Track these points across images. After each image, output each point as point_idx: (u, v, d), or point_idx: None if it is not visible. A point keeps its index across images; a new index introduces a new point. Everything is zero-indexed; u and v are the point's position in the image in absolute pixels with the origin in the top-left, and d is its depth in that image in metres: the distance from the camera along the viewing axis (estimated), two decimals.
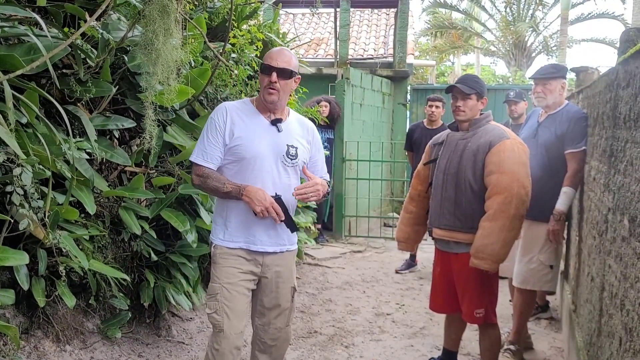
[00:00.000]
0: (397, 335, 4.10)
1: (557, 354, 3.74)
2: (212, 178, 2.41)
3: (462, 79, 3.10)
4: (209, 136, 2.44)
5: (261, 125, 2.48)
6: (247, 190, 2.37)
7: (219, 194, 2.45)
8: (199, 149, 2.46)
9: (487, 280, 2.97)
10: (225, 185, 2.39)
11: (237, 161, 2.45)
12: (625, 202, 1.97)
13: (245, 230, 2.47)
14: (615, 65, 2.41)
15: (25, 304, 2.70)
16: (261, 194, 2.36)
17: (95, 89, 2.89)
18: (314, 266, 5.82)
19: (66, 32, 2.81)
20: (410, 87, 10.19)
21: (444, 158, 3.08)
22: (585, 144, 3.28)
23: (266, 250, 2.51)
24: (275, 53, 2.47)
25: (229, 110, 2.47)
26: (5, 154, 2.24)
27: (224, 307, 2.42)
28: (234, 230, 2.47)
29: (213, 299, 2.45)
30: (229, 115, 2.45)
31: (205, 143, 2.44)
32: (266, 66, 2.43)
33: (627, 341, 1.80)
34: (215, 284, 2.47)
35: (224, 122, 2.44)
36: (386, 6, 12.43)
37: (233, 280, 2.45)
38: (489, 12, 21.66)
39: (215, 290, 2.45)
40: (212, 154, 2.43)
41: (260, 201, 2.35)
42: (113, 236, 3.22)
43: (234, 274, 2.46)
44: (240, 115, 2.47)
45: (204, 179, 2.42)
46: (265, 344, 2.59)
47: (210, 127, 2.45)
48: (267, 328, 2.57)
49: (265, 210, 2.35)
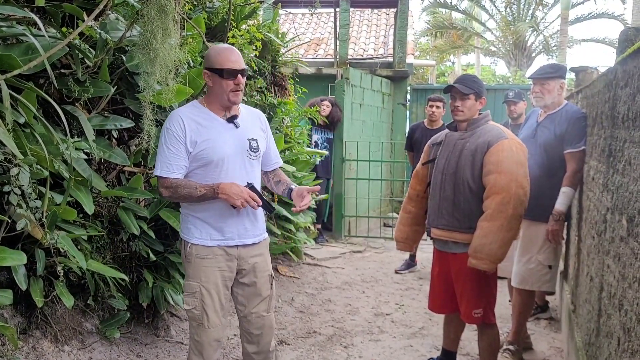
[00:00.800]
0: (396, 335, 4.10)
1: (557, 354, 3.74)
2: (182, 186, 2.40)
3: (460, 79, 3.10)
4: (170, 147, 2.40)
5: (220, 126, 2.47)
6: (222, 188, 2.37)
7: (193, 199, 2.43)
8: (161, 162, 2.41)
9: (486, 280, 2.97)
10: (198, 189, 2.39)
11: (204, 165, 2.44)
12: (623, 202, 1.96)
13: (222, 228, 2.49)
14: (614, 64, 2.40)
15: (23, 304, 2.70)
16: (236, 188, 2.39)
17: (94, 89, 2.88)
18: (313, 266, 5.82)
19: (64, 32, 2.81)
20: (410, 87, 10.18)
21: (443, 158, 3.08)
22: (585, 144, 3.28)
23: (244, 243, 2.54)
24: (230, 54, 2.43)
25: (184, 117, 2.42)
26: (3, 154, 2.23)
27: (202, 304, 2.47)
28: (210, 229, 2.49)
29: (191, 296, 2.48)
30: (186, 123, 2.41)
31: (167, 154, 2.40)
32: (231, 70, 2.39)
33: (625, 341, 1.79)
34: (193, 282, 2.49)
35: (182, 131, 2.40)
36: (386, 6, 12.42)
37: (211, 279, 2.49)
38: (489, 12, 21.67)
39: (194, 288, 2.48)
40: (177, 164, 2.40)
41: (237, 194, 2.37)
42: (111, 236, 3.22)
43: (211, 272, 2.49)
44: (196, 120, 2.44)
45: (174, 189, 2.40)
46: (252, 334, 2.64)
47: (169, 138, 2.40)
48: (250, 318, 2.61)
49: (244, 201, 2.38)
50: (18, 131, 2.35)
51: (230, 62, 2.40)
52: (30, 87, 2.42)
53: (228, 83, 2.40)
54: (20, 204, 2.28)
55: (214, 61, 2.41)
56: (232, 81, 2.40)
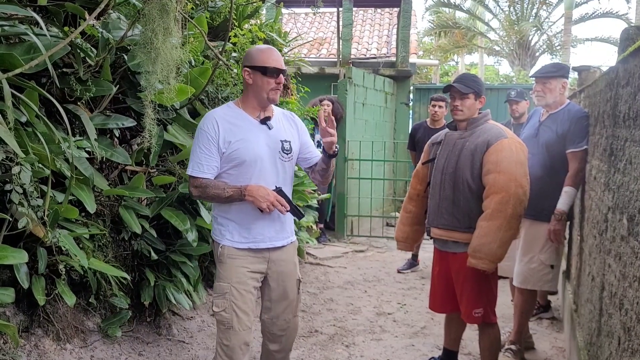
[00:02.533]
0: (398, 334, 4.10)
1: (559, 354, 3.73)
2: (211, 186, 2.43)
3: (459, 78, 3.09)
4: (202, 147, 2.44)
5: (253, 126, 2.50)
6: (249, 190, 2.39)
7: (221, 200, 2.46)
8: (193, 161, 2.45)
9: (486, 279, 2.96)
10: (225, 190, 2.41)
11: (237, 165, 2.46)
12: (624, 201, 1.96)
13: (252, 230, 2.50)
14: (615, 63, 2.40)
15: (25, 302, 2.71)
16: (263, 191, 2.40)
17: (96, 88, 2.89)
18: (315, 266, 5.82)
19: (66, 31, 2.81)
20: (412, 87, 10.17)
21: (442, 157, 3.08)
22: (587, 144, 3.27)
23: (274, 246, 2.55)
24: (273, 54, 2.48)
25: (218, 118, 2.46)
26: (5, 153, 2.24)
27: (232, 305, 2.46)
28: (241, 231, 2.50)
29: (221, 297, 2.48)
30: (219, 124, 2.44)
31: (199, 154, 2.44)
32: (274, 69, 2.44)
33: (625, 340, 1.79)
34: (223, 283, 2.49)
35: (215, 132, 2.43)
36: (389, 5, 12.43)
37: (242, 280, 2.49)
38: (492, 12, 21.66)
39: (224, 289, 2.48)
40: (208, 164, 2.44)
41: (264, 197, 2.38)
42: (113, 235, 3.23)
43: (243, 273, 2.50)
44: (230, 120, 2.47)
45: (203, 189, 2.44)
46: (274, 335, 2.66)
47: (202, 138, 2.44)
48: (275, 321, 2.63)
49: (270, 204, 2.39)
50: (20, 130, 2.36)
51: (273, 60, 2.45)
52: (32, 86, 2.43)
53: (269, 81, 2.44)
54: (22, 203, 2.29)
55: (256, 59, 2.45)
56: (273, 79, 2.44)
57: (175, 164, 3.51)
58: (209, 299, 4.12)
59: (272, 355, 2.70)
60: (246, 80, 2.49)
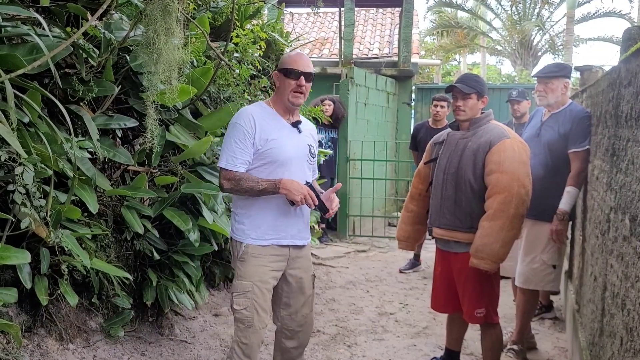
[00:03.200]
0: (400, 334, 4.10)
1: (561, 354, 3.73)
2: (245, 179, 2.47)
3: (461, 78, 3.09)
4: (237, 141, 2.48)
5: (286, 128, 2.58)
6: (283, 183, 2.45)
7: (254, 193, 2.49)
8: (226, 154, 2.50)
9: (488, 279, 2.96)
10: (260, 183, 2.46)
11: (269, 164, 2.52)
12: (626, 201, 1.96)
13: (277, 227, 2.57)
14: (618, 63, 2.39)
15: (28, 302, 2.71)
16: (297, 184, 2.47)
17: (98, 89, 2.90)
18: (317, 265, 5.82)
19: (68, 32, 2.82)
20: (414, 87, 10.16)
21: (444, 157, 3.08)
22: (589, 143, 3.26)
23: (295, 244, 2.62)
24: (298, 57, 2.56)
25: (254, 115, 2.52)
26: (7, 153, 2.25)
27: (254, 304, 2.51)
28: (266, 228, 2.55)
29: (243, 296, 2.51)
30: (256, 120, 2.50)
31: (234, 148, 2.48)
32: (294, 71, 2.50)
33: (627, 341, 1.79)
34: (245, 281, 2.53)
35: (251, 127, 2.48)
36: (391, 5, 12.42)
37: (264, 278, 2.55)
38: (494, 11, 21.62)
39: (246, 287, 2.52)
40: (241, 158, 2.49)
41: (298, 190, 2.45)
42: (116, 235, 3.23)
43: (265, 272, 2.55)
44: (265, 119, 2.54)
45: (237, 182, 2.47)
46: (293, 331, 2.71)
47: (237, 132, 2.49)
48: (294, 317, 2.69)
49: (304, 197, 2.45)
50: (22, 130, 2.36)
51: (296, 63, 2.52)
52: (34, 86, 2.43)
53: (290, 83, 2.51)
54: (25, 203, 2.29)
55: (283, 62, 2.56)
56: (294, 81, 2.50)
57: (178, 164, 3.51)
58: (211, 299, 4.13)
59: (289, 352, 2.75)
60: (275, 83, 2.60)
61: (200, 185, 3.40)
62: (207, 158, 3.71)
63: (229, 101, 4.03)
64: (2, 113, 2.19)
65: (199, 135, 3.62)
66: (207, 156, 3.71)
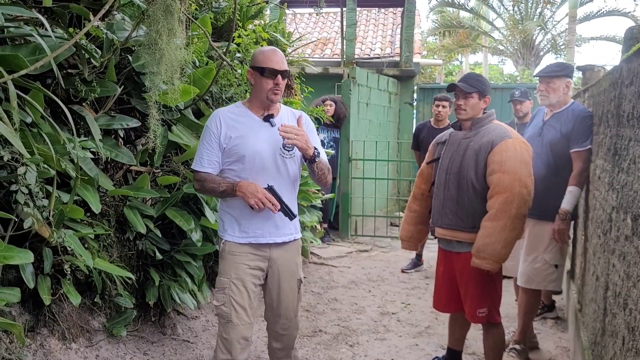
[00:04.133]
0: (402, 334, 4.10)
1: (563, 354, 3.72)
2: (208, 180, 2.52)
3: (464, 77, 3.09)
4: (205, 142, 2.55)
5: (255, 123, 2.57)
6: (240, 186, 2.46)
7: (216, 194, 2.56)
8: (197, 156, 2.57)
9: (490, 279, 2.96)
10: (220, 184, 2.50)
11: (238, 160, 2.52)
12: (628, 201, 1.96)
13: (254, 225, 2.55)
14: (619, 63, 2.39)
15: (31, 302, 2.72)
16: (252, 187, 2.44)
17: (100, 89, 2.90)
18: (319, 265, 5.83)
19: (71, 33, 2.83)
20: (416, 87, 10.16)
21: (447, 157, 3.08)
22: (591, 143, 3.26)
23: (275, 242, 2.58)
24: (272, 55, 2.51)
25: (222, 115, 2.57)
26: (10, 153, 2.25)
27: (231, 300, 2.52)
28: (243, 226, 2.56)
29: (221, 292, 2.54)
30: (222, 120, 2.54)
31: (202, 150, 2.55)
32: (270, 70, 2.48)
33: (629, 340, 1.79)
34: (223, 278, 2.55)
35: (217, 128, 2.53)
36: (393, 5, 12.42)
37: (240, 276, 2.54)
38: (496, 11, 21.59)
39: (224, 284, 2.54)
40: (208, 159, 2.54)
41: (252, 194, 2.43)
42: (118, 235, 3.24)
43: (242, 269, 2.55)
44: (233, 117, 2.56)
45: (202, 183, 2.54)
46: (277, 333, 2.72)
47: (206, 134, 2.56)
48: (277, 319, 2.68)
49: (259, 201, 2.42)
50: (25, 131, 2.37)
51: (272, 62, 2.49)
52: (37, 87, 2.44)
53: (268, 82, 2.49)
54: (28, 203, 2.30)
55: (257, 60, 2.53)
56: (271, 80, 2.49)
57: (180, 164, 3.52)
58: (213, 299, 4.13)
59: (275, 352, 2.76)
60: (250, 81, 2.58)
61: None
62: None
63: (231, 101, 4.04)
64: (5, 113, 2.20)
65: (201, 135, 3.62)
66: None
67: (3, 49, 2.47)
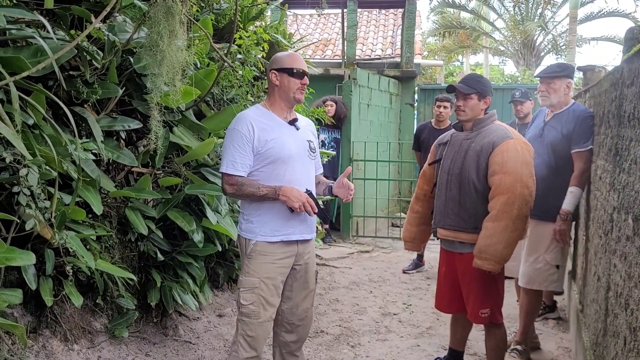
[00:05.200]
0: (403, 335, 4.10)
1: (565, 354, 3.72)
2: (247, 185, 2.54)
3: (463, 78, 3.09)
4: (236, 146, 2.54)
5: (284, 127, 2.64)
6: (283, 190, 2.52)
7: (255, 199, 2.57)
8: (227, 160, 2.55)
9: (492, 280, 2.96)
10: (260, 189, 2.53)
11: (271, 163, 2.58)
12: (629, 201, 1.96)
13: (285, 223, 2.62)
14: (620, 63, 2.39)
15: (33, 303, 2.73)
16: (296, 192, 2.53)
17: (102, 91, 2.91)
18: (321, 266, 5.83)
19: (72, 34, 2.84)
20: (417, 87, 10.17)
21: (448, 158, 3.08)
22: (592, 144, 3.26)
23: (304, 238, 2.68)
24: (297, 57, 2.66)
25: (251, 118, 2.58)
26: (12, 155, 2.26)
27: (261, 299, 2.58)
28: (275, 224, 2.61)
29: (250, 291, 2.58)
30: (253, 124, 2.56)
31: (234, 153, 2.54)
32: (299, 70, 2.59)
33: (631, 341, 1.79)
34: (253, 278, 2.59)
35: (249, 131, 2.54)
36: (394, 6, 12.41)
37: (271, 275, 2.60)
38: (497, 12, 21.57)
39: (254, 284, 2.58)
40: (242, 162, 2.55)
41: (297, 198, 2.51)
42: (120, 236, 3.25)
43: (272, 269, 2.61)
44: (262, 121, 2.60)
45: (239, 187, 2.54)
46: (293, 325, 2.76)
47: (236, 138, 2.55)
48: (295, 310, 2.74)
49: (302, 205, 2.51)
50: (27, 132, 2.38)
51: (299, 63, 2.63)
52: (39, 88, 2.45)
53: (296, 81, 2.60)
54: (30, 205, 2.31)
55: (283, 62, 2.62)
56: (299, 81, 2.61)
57: (181, 165, 3.52)
58: (215, 300, 4.14)
59: (288, 346, 2.79)
60: (273, 82, 2.63)
61: (204, 186, 3.41)
62: (210, 159, 3.72)
63: (232, 103, 4.05)
64: (7, 115, 2.21)
65: (203, 136, 3.63)
66: (211, 157, 3.72)
67: (5, 51, 2.48)
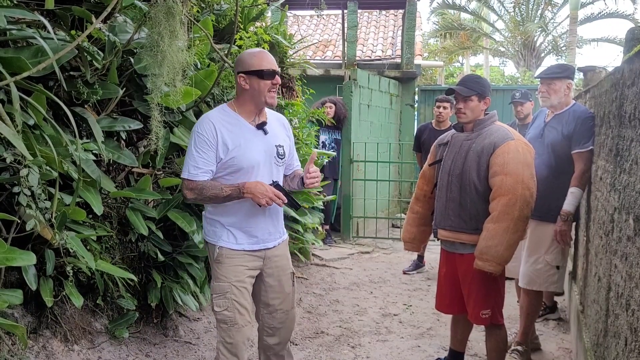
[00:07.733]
0: (403, 335, 4.10)
1: (565, 355, 3.72)
2: (208, 187, 2.43)
3: (462, 80, 3.09)
4: (199, 151, 2.43)
5: (250, 132, 2.50)
6: (247, 187, 2.41)
7: (219, 200, 2.46)
8: (189, 164, 2.44)
9: (493, 281, 2.96)
10: (223, 189, 2.42)
11: (234, 172, 2.48)
12: (630, 202, 1.96)
13: (247, 232, 2.55)
14: (621, 64, 2.39)
15: (33, 304, 2.73)
16: (261, 187, 2.41)
17: (102, 91, 2.91)
18: (321, 267, 5.83)
19: (73, 35, 2.83)
20: (418, 88, 10.17)
21: (449, 159, 3.08)
22: (592, 144, 3.26)
23: (267, 247, 2.61)
24: (265, 55, 2.48)
25: (215, 122, 2.45)
26: (13, 155, 2.26)
27: (234, 303, 2.50)
28: (236, 233, 2.54)
29: (222, 297, 2.51)
30: (217, 129, 2.43)
31: (197, 158, 2.43)
32: (270, 71, 2.43)
33: (632, 341, 1.78)
34: (223, 283, 2.52)
35: (213, 137, 2.42)
36: (394, 7, 12.41)
37: (241, 278, 2.54)
38: (497, 13, 21.58)
39: (224, 289, 2.51)
40: (204, 168, 2.43)
41: (262, 193, 2.40)
42: (120, 237, 3.24)
43: (241, 271, 2.54)
44: (227, 126, 2.47)
45: (199, 191, 2.43)
46: (274, 328, 2.70)
47: (199, 142, 2.43)
48: (274, 315, 2.68)
49: (269, 199, 2.42)
50: (27, 133, 2.38)
51: (268, 62, 2.45)
52: (39, 89, 2.45)
53: (266, 83, 2.44)
54: (30, 205, 2.30)
55: (250, 64, 2.44)
56: (270, 81, 2.44)
57: (182, 165, 3.52)
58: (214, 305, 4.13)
59: (272, 348, 2.73)
60: (242, 86, 2.47)
61: None
62: None
63: None
64: (7, 115, 2.21)
65: None
66: None
67: (5, 51, 2.48)
